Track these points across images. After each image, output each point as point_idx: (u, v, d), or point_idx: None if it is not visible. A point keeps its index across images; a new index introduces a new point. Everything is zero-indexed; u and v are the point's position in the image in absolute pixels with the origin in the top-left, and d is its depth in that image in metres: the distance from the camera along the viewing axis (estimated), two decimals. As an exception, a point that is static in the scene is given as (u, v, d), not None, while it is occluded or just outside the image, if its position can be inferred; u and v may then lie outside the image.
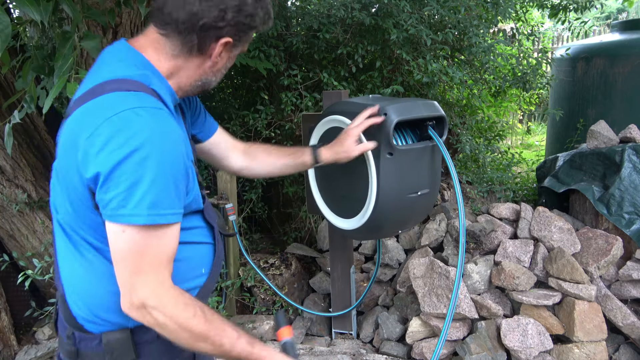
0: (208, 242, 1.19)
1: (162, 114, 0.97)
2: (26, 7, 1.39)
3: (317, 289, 3.17)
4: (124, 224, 0.92)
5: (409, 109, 1.66)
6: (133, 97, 0.96)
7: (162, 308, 0.96)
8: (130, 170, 0.89)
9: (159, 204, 0.93)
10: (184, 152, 0.99)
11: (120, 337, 1.07)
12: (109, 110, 0.92)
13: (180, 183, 0.98)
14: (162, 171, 0.92)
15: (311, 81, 3.24)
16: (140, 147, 0.89)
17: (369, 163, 1.72)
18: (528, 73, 3.25)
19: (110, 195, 0.91)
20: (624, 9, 10.70)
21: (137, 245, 0.94)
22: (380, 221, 1.80)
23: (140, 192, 0.90)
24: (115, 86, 0.97)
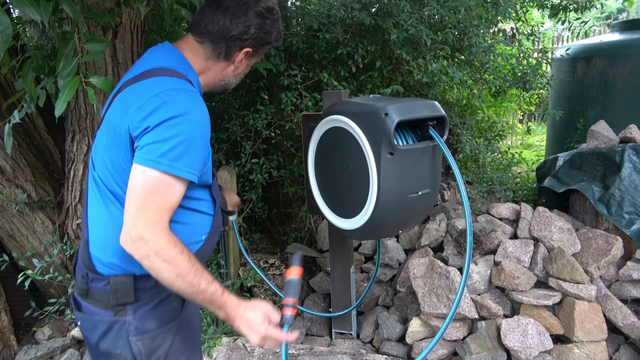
0: (210, 213, 1.40)
1: (197, 95, 1.25)
2: (26, 7, 1.39)
3: (317, 289, 3.17)
4: (147, 166, 1.15)
5: (409, 109, 1.66)
6: (175, 81, 1.24)
7: (156, 241, 1.13)
8: (167, 129, 1.15)
9: (180, 160, 1.16)
10: (208, 128, 1.25)
11: (125, 281, 1.29)
12: (157, 88, 1.20)
13: (202, 151, 1.22)
14: (190, 137, 1.18)
15: (311, 81, 3.24)
16: (179, 115, 1.17)
17: (369, 163, 1.72)
18: (528, 73, 3.25)
19: (147, 141, 1.16)
20: (624, 9, 10.70)
21: (150, 185, 1.15)
22: (381, 221, 1.80)
23: (169, 146, 1.15)
24: (161, 72, 1.26)
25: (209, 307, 1.23)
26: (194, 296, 1.19)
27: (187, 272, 1.16)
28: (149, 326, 1.33)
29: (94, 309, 1.33)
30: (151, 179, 1.15)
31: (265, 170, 3.29)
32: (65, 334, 2.86)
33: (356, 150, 1.78)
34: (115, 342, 1.33)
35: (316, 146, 2.05)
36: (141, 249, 1.14)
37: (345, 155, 1.86)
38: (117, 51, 2.29)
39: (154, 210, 1.15)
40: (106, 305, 1.32)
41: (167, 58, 1.33)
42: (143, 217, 1.14)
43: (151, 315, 1.33)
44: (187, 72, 1.32)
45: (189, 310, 1.45)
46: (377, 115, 1.67)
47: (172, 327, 1.37)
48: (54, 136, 3.02)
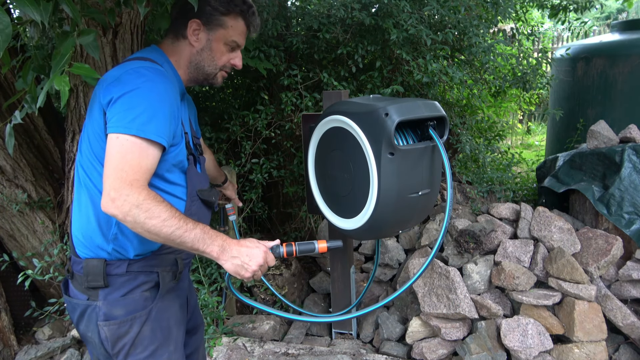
0: (182, 198, 1.45)
1: (163, 73, 1.35)
2: (26, 7, 1.39)
3: (317, 289, 3.17)
4: (119, 132, 1.23)
5: (410, 109, 1.66)
6: (147, 62, 1.36)
7: (135, 195, 1.19)
8: (133, 97, 1.25)
9: (147, 124, 1.24)
10: (172, 100, 1.33)
11: (96, 264, 1.36)
12: (128, 67, 1.33)
13: (167, 119, 1.29)
14: (156, 104, 1.27)
15: (311, 81, 3.24)
16: (141, 86, 1.27)
17: (370, 163, 1.72)
18: (528, 73, 3.25)
19: (115, 111, 1.25)
20: (624, 9, 10.69)
21: (123, 148, 1.22)
22: (381, 221, 1.80)
23: (135, 113, 1.24)
24: (137, 59, 1.39)
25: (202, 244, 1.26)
26: (185, 236, 1.23)
27: (172, 215, 1.21)
28: (117, 313, 1.36)
29: (75, 291, 1.41)
30: (124, 142, 1.22)
31: (265, 170, 3.29)
32: (65, 334, 2.86)
33: (356, 150, 1.78)
34: (87, 325, 1.39)
35: (316, 146, 2.05)
36: (122, 207, 1.18)
37: (345, 155, 1.86)
38: (117, 51, 2.29)
39: (129, 170, 1.21)
40: (82, 288, 1.38)
41: (148, 52, 1.45)
42: (120, 177, 1.20)
43: (120, 302, 1.37)
44: (163, 63, 1.42)
45: (165, 302, 1.46)
46: (377, 115, 1.67)
47: (140, 316, 1.39)
48: (54, 136, 3.02)
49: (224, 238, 1.31)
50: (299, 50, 3.23)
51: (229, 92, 3.93)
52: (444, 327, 2.48)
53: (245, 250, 1.31)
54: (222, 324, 2.85)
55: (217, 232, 1.30)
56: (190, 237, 1.24)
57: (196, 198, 1.48)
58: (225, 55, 1.51)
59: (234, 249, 1.30)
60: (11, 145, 1.92)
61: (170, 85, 1.34)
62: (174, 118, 1.33)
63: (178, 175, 1.43)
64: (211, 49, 1.48)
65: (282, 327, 2.98)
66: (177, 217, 1.23)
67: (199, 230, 1.26)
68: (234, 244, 1.30)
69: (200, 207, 1.50)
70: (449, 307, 2.45)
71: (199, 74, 1.50)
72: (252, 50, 3.17)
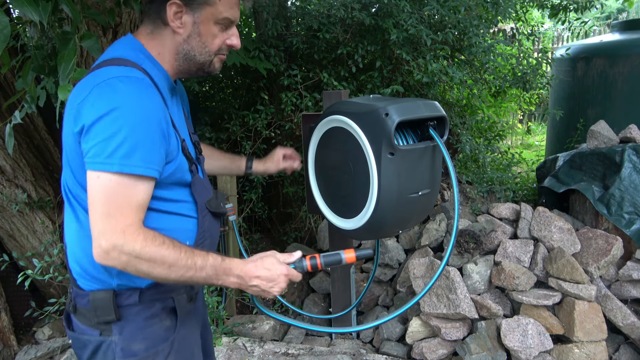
0: (192, 216, 1.26)
1: (143, 83, 1.10)
2: (25, 7, 1.39)
3: (317, 288, 3.17)
4: (98, 170, 1.04)
5: (410, 109, 1.66)
6: (121, 69, 1.10)
7: (132, 243, 1.04)
8: (108, 124, 1.03)
9: (131, 156, 1.04)
10: (160, 117, 1.10)
11: (104, 297, 1.18)
12: (99, 78, 1.08)
13: (156, 143, 1.09)
14: (135, 128, 1.04)
15: (311, 81, 3.24)
16: (118, 107, 1.03)
17: (370, 163, 1.72)
18: (528, 73, 3.25)
19: (91, 144, 1.04)
20: (624, 9, 10.70)
21: (107, 189, 1.04)
22: (381, 221, 1.80)
23: (114, 143, 1.03)
24: (110, 62, 1.13)
25: (217, 280, 1.14)
26: (196, 277, 1.11)
27: (178, 258, 1.08)
28: (136, 348, 1.20)
29: (82, 326, 1.22)
30: (106, 182, 1.04)
31: (265, 170, 3.28)
32: (65, 334, 2.86)
33: (356, 150, 1.77)
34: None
35: (316, 146, 2.05)
36: (119, 259, 1.04)
37: (345, 155, 1.86)
38: (117, 51, 2.28)
39: (119, 215, 1.04)
40: (92, 323, 1.20)
41: (122, 48, 1.19)
42: (109, 225, 1.04)
43: (139, 336, 1.20)
44: (142, 60, 1.17)
45: (186, 328, 1.31)
46: (377, 115, 1.67)
47: (163, 350, 1.23)
48: (54, 136, 3.02)
49: (240, 267, 1.17)
50: (299, 50, 3.24)
51: (229, 92, 3.93)
52: (444, 327, 2.48)
53: (265, 274, 1.18)
54: (222, 324, 2.85)
55: (230, 260, 1.16)
56: (202, 276, 1.12)
57: (206, 212, 1.30)
58: (218, 37, 1.23)
59: (252, 278, 1.17)
60: (11, 145, 1.92)
61: (156, 97, 1.11)
62: (164, 137, 1.12)
63: (181, 190, 1.25)
64: (200, 33, 1.20)
65: (282, 327, 2.98)
66: (184, 257, 1.09)
67: (210, 266, 1.12)
68: (252, 270, 1.17)
69: (211, 222, 1.33)
70: (449, 307, 2.45)
71: (191, 65, 1.25)
72: (252, 50, 3.17)
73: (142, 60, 1.18)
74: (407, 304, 1.45)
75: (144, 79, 1.11)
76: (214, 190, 1.38)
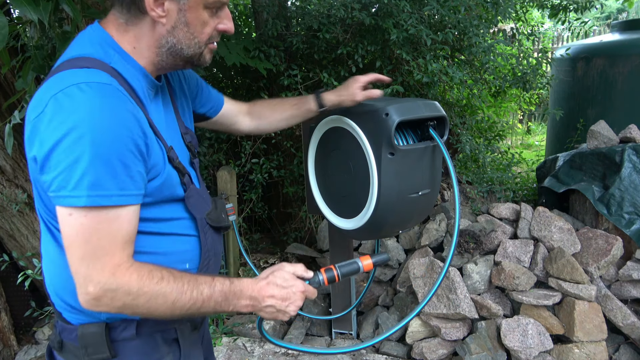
0: (191, 234, 1.11)
1: (109, 89, 0.90)
2: (25, 7, 1.39)
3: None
4: (69, 206, 0.88)
5: (410, 109, 1.66)
6: (82, 73, 0.91)
7: (126, 286, 0.90)
8: (68, 149, 0.85)
9: (101, 185, 0.87)
10: (133, 130, 0.91)
11: (95, 331, 1.01)
12: (57, 87, 0.88)
13: (131, 162, 0.91)
14: (102, 149, 0.87)
15: (311, 81, 3.24)
16: (77, 125, 0.85)
17: (370, 163, 1.72)
18: (528, 73, 3.25)
19: (51, 176, 0.88)
20: (624, 9, 10.70)
21: (84, 228, 0.88)
22: (381, 221, 1.80)
23: (79, 171, 0.86)
24: (71, 64, 0.93)
25: (227, 307, 1.01)
26: (204, 308, 0.98)
27: (181, 291, 0.95)
28: None
29: None
30: (80, 220, 0.88)
31: (265, 170, 3.29)
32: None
33: (357, 150, 1.78)
34: None
35: (316, 146, 2.05)
36: (112, 304, 0.91)
37: (345, 155, 1.86)
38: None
39: (104, 256, 0.90)
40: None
41: (88, 43, 0.99)
42: (95, 268, 0.89)
43: None
44: (112, 58, 0.98)
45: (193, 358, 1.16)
46: (377, 115, 1.67)
47: None
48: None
49: (251, 287, 1.04)
50: (299, 50, 3.23)
51: (229, 92, 3.93)
52: (444, 327, 2.48)
53: (280, 293, 1.05)
54: (222, 324, 2.85)
55: (239, 281, 1.03)
56: (210, 305, 0.98)
57: (207, 228, 1.14)
58: (209, 24, 1.03)
59: (266, 298, 1.04)
60: (10, 145, 1.92)
61: (126, 105, 0.92)
62: (140, 153, 0.94)
63: (174, 206, 1.08)
64: (187, 22, 1.00)
65: (282, 327, 2.98)
66: (188, 288, 0.95)
67: (219, 293, 0.99)
68: (265, 289, 1.04)
69: (214, 238, 1.16)
70: (449, 307, 2.45)
71: (177, 60, 1.05)
72: (252, 50, 3.17)
73: (112, 57, 0.98)
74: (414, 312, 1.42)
75: (110, 84, 0.91)
76: (212, 200, 1.22)
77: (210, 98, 1.39)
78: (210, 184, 3.34)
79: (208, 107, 1.40)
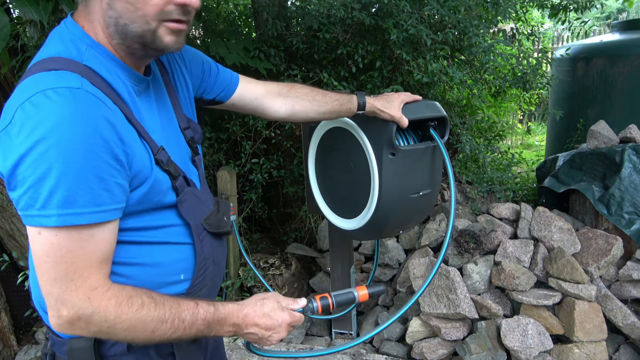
0: (185, 242, 1.04)
1: (79, 94, 0.81)
2: (25, 7, 1.39)
3: (317, 289, 3.17)
4: (38, 225, 0.81)
5: (411, 109, 1.65)
6: (50, 77, 0.82)
7: (102, 312, 0.84)
8: (35, 163, 0.78)
9: (73, 202, 0.80)
10: (109, 138, 0.83)
11: (84, 346, 0.95)
12: (24, 95, 0.81)
13: (107, 174, 0.83)
14: (73, 162, 0.79)
15: (311, 81, 3.24)
16: (45, 137, 0.77)
17: (371, 163, 1.72)
18: (528, 73, 3.25)
19: (18, 193, 0.81)
20: (624, 9, 10.70)
21: (54, 249, 0.81)
22: (382, 221, 1.80)
23: (47, 188, 0.78)
24: (40, 67, 0.85)
25: (209, 333, 0.97)
26: (185, 335, 0.93)
27: (162, 319, 0.89)
28: None
29: None
30: (51, 240, 0.81)
31: (265, 170, 3.29)
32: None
33: (357, 150, 1.78)
34: None
35: (317, 146, 2.05)
36: (87, 329, 0.85)
37: (346, 155, 1.86)
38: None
39: (78, 278, 0.83)
40: None
41: (59, 40, 0.90)
42: (68, 291, 0.83)
43: None
44: (83, 53, 0.88)
45: None
46: (377, 115, 1.67)
47: None
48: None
49: (236, 314, 0.99)
50: (299, 50, 3.24)
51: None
52: (444, 327, 2.48)
53: (265, 322, 1.01)
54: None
55: (224, 307, 0.98)
56: (192, 333, 0.94)
57: (205, 234, 1.06)
58: None
59: (250, 326, 1.01)
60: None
61: (99, 110, 0.83)
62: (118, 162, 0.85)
63: (166, 213, 1.00)
64: None
65: (282, 327, 2.98)
66: (169, 316, 0.90)
67: (201, 321, 0.94)
68: (251, 317, 1.00)
69: (212, 245, 1.09)
70: (449, 307, 2.45)
71: (130, 42, 0.90)
72: (252, 50, 3.17)
73: (84, 53, 0.88)
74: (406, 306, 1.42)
75: (80, 88, 0.82)
76: (215, 201, 1.14)
77: (219, 81, 1.27)
78: (210, 184, 3.34)
79: (218, 92, 1.28)
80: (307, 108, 1.41)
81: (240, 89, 1.32)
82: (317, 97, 1.42)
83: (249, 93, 1.33)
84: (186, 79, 1.17)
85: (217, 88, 1.28)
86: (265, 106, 1.36)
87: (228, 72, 1.31)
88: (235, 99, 1.31)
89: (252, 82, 1.36)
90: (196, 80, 1.22)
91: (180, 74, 1.15)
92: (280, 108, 1.38)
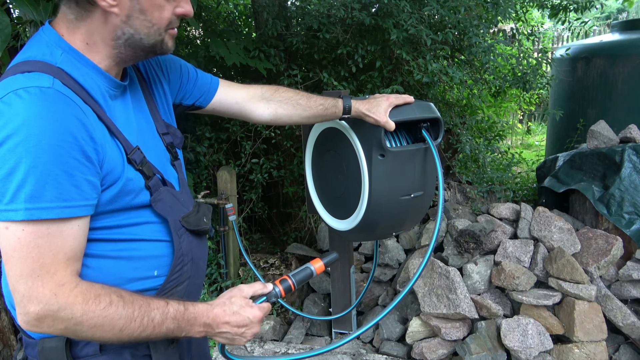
0: (163, 239, 1.04)
1: (49, 93, 0.84)
2: (25, 7, 1.39)
3: (317, 289, 3.17)
4: (5, 220, 0.82)
5: (402, 110, 1.61)
6: (22, 78, 0.85)
7: (69, 309, 0.84)
8: (3, 159, 0.80)
9: (41, 196, 0.81)
10: (78, 135, 0.85)
11: (55, 347, 0.94)
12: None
13: (77, 170, 0.85)
14: (41, 157, 0.81)
15: (311, 81, 3.24)
16: (14, 133, 0.79)
17: (361, 164, 1.72)
18: (528, 73, 3.25)
19: None
20: (624, 9, 10.70)
21: (22, 244, 0.82)
22: (373, 223, 1.80)
23: (15, 183, 0.80)
24: (14, 70, 0.88)
25: (180, 333, 0.96)
26: (154, 334, 0.93)
27: (130, 318, 0.89)
28: None
29: None
30: (18, 234, 0.82)
31: (265, 170, 3.29)
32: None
33: (349, 151, 1.77)
34: None
35: (313, 147, 2.05)
36: (54, 326, 0.85)
37: (339, 156, 1.86)
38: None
39: (45, 274, 0.83)
40: None
41: (36, 45, 0.94)
42: (35, 287, 0.83)
43: None
44: (57, 57, 0.91)
45: None
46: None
47: None
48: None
49: (206, 313, 0.99)
50: (299, 50, 3.24)
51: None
52: (444, 327, 2.48)
53: (235, 319, 1.01)
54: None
55: (194, 307, 0.98)
56: (162, 332, 0.93)
57: (183, 231, 1.06)
58: (165, 8, 0.96)
59: (220, 325, 1.00)
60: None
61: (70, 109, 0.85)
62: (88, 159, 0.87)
63: (141, 212, 1.00)
64: (143, 9, 0.93)
65: (282, 327, 2.98)
66: (138, 315, 0.90)
67: (171, 320, 0.94)
68: (221, 315, 1.00)
69: (191, 242, 1.08)
70: (449, 307, 2.45)
71: (137, 51, 0.98)
72: (252, 50, 3.17)
73: (58, 56, 0.91)
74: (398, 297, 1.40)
75: (51, 87, 0.84)
76: (196, 203, 1.15)
77: (198, 86, 1.27)
78: (210, 184, 3.34)
79: (197, 97, 1.28)
80: (290, 112, 1.41)
81: (220, 93, 1.32)
82: (301, 101, 1.42)
83: (230, 97, 1.33)
84: (163, 85, 1.18)
85: (197, 93, 1.28)
86: (248, 110, 1.36)
87: (208, 77, 1.31)
88: (216, 103, 1.31)
89: (233, 86, 1.36)
90: (174, 86, 1.23)
91: (158, 80, 1.17)
92: (263, 112, 1.38)
